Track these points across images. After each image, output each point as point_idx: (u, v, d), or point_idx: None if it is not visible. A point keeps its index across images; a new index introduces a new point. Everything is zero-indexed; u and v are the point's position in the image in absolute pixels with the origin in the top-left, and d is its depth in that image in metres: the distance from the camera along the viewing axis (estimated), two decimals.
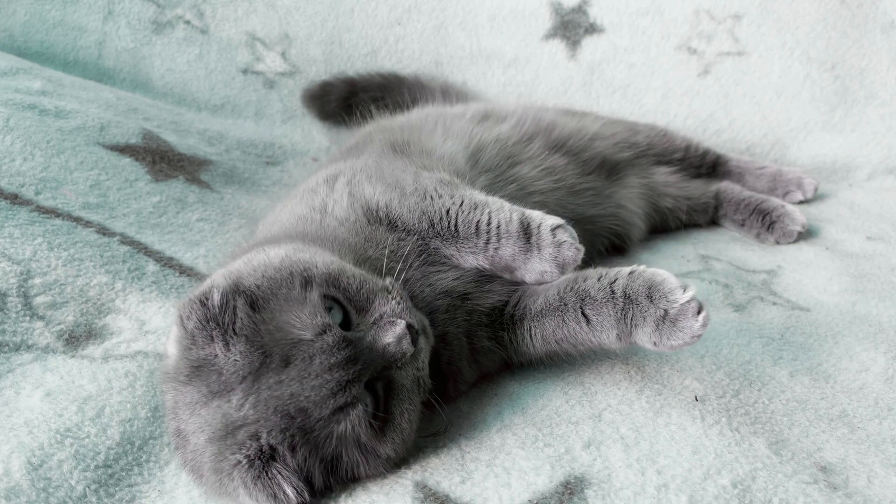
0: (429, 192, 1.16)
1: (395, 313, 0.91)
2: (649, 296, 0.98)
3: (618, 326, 1.01)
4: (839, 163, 2.35)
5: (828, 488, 0.88)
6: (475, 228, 1.11)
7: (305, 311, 0.86)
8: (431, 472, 0.91)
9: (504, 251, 1.10)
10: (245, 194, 1.87)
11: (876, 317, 1.35)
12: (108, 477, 0.93)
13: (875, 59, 2.34)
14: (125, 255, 1.36)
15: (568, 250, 1.06)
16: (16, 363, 1.10)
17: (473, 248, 1.12)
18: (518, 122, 1.63)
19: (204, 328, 0.84)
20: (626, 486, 0.87)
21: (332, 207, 1.16)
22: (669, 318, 0.96)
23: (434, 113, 1.70)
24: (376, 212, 1.14)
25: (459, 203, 1.14)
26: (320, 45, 2.58)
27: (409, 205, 1.14)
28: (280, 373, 0.82)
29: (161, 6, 2.55)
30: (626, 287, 1.00)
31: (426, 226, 1.13)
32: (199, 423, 0.84)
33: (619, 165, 1.75)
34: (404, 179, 1.20)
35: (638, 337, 1.00)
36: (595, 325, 1.03)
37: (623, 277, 1.02)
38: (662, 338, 0.96)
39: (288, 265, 0.92)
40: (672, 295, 0.96)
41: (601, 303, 1.02)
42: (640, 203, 1.77)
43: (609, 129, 1.82)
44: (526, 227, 1.09)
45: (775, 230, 1.80)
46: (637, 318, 0.99)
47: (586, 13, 2.53)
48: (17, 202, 1.35)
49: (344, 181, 1.22)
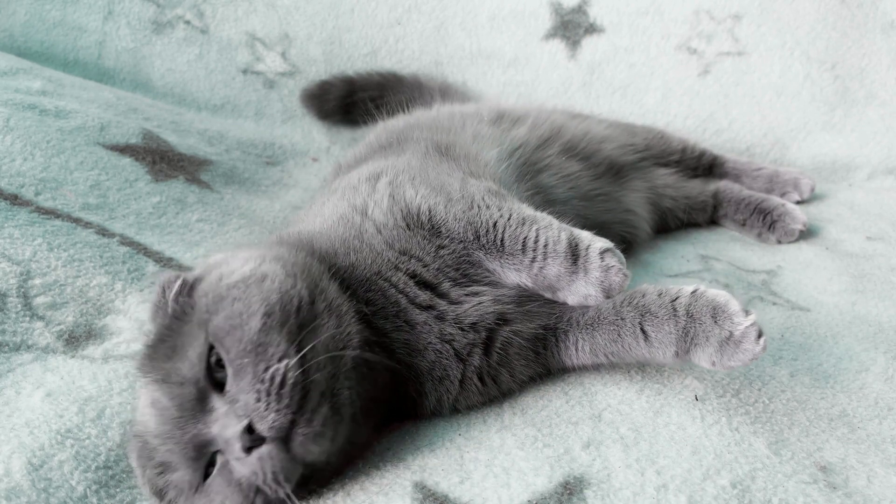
0: (476, 201, 1.13)
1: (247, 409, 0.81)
2: (714, 317, 0.97)
3: (677, 344, 1.00)
4: (839, 163, 2.35)
5: (828, 488, 0.88)
6: (522, 245, 1.08)
7: (192, 354, 0.87)
8: (430, 472, 0.91)
9: (549, 271, 1.06)
10: (245, 194, 1.87)
11: (876, 317, 1.35)
12: (108, 478, 0.93)
13: (875, 59, 2.34)
14: (125, 256, 1.36)
15: (616, 276, 1.03)
16: (16, 363, 1.10)
17: (518, 265, 1.08)
18: (533, 125, 1.61)
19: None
20: (626, 487, 0.87)
21: (371, 209, 1.13)
22: (734, 340, 0.96)
23: (457, 112, 1.67)
24: (418, 216, 1.11)
25: (508, 217, 1.11)
26: (320, 45, 2.59)
27: (455, 212, 1.11)
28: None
29: (161, 6, 2.55)
30: (689, 306, 1.00)
31: (471, 236, 1.10)
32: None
33: (625, 168, 1.75)
34: (451, 185, 1.17)
35: (696, 355, 0.99)
36: (653, 342, 1.02)
37: (685, 296, 1.01)
38: (723, 358, 0.96)
39: (217, 294, 0.91)
40: (737, 318, 0.96)
41: (662, 320, 1.01)
42: (646, 207, 1.77)
43: (611, 132, 1.82)
44: (574, 247, 1.06)
45: (777, 229, 1.80)
46: (699, 337, 0.98)
47: (586, 13, 2.53)
48: (17, 202, 1.35)
49: (386, 181, 1.19)
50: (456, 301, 1.07)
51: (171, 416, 0.85)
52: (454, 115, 1.64)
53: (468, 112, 1.68)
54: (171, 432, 0.85)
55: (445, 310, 1.06)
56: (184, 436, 0.84)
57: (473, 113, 1.66)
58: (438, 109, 1.75)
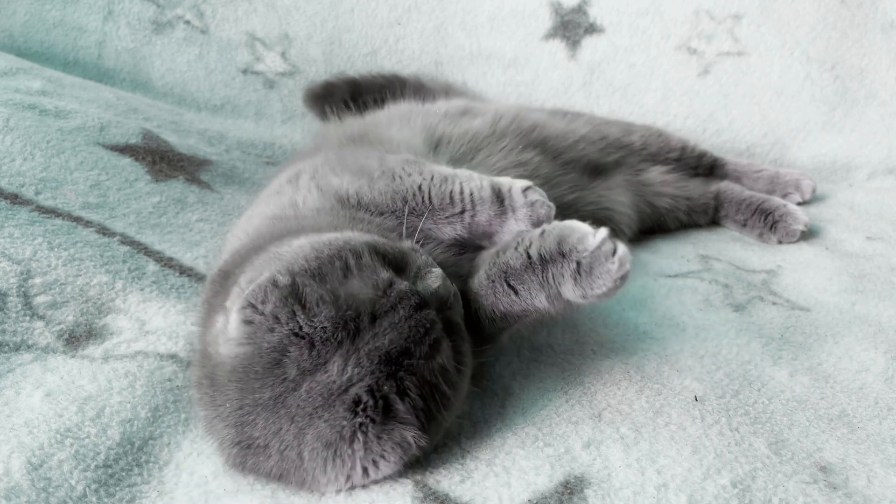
0: (397, 172, 1.17)
1: (427, 264, 0.95)
2: (561, 251, 0.98)
3: (544, 290, 1.00)
4: (839, 163, 2.35)
5: (828, 488, 0.88)
6: (450, 199, 1.13)
7: (365, 275, 0.88)
8: (431, 471, 0.91)
9: (480, 217, 1.12)
10: (245, 194, 1.86)
11: (876, 317, 1.35)
12: (108, 477, 0.93)
13: (875, 59, 2.34)
14: (125, 255, 1.36)
15: (541, 208, 1.10)
16: (16, 363, 1.10)
17: (451, 219, 1.13)
18: (494, 119, 1.61)
19: (285, 305, 0.82)
20: (626, 486, 0.87)
21: (302, 202, 1.15)
22: (584, 268, 0.96)
23: (403, 108, 1.67)
24: (348, 200, 1.14)
25: (430, 178, 1.15)
26: (320, 45, 2.59)
27: (379, 188, 1.15)
28: (372, 328, 0.83)
29: (161, 6, 2.55)
30: (540, 248, 1.00)
31: (400, 205, 1.14)
32: (285, 416, 0.82)
33: (606, 167, 1.74)
34: (369, 165, 1.20)
35: (566, 294, 0.99)
36: (523, 295, 1.02)
37: (535, 239, 1.02)
38: (585, 289, 0.96)
39: (327, 243, 0.92)
40: (581, 244, 0.96)
41: (521, 271, 1.01)
42: (626, 194, 1.75)
43: (600, 132, 1.81)
44: (497, 192, 1.12)
45: (778, 230, 1.80)
46: (557, 276, 0.98)
47: (586, 13, 2.53)
48: (17, 202, 1.35)
49: (307, 177, 1.21)
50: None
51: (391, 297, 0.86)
52: (392, 112, 1.64)
53: (422, 108, 1.67)
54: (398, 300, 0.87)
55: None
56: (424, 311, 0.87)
57: (430, 109, 1.66)
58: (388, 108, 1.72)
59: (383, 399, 0.81)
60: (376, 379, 0.81)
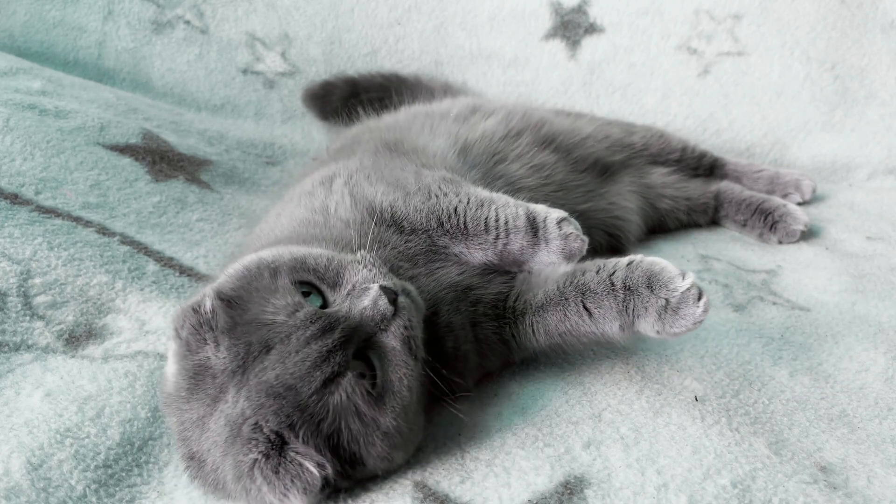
0: (433, 190, 1.17)
1: (366, 280, 0.91)
2: (649, 286, 0.98)
3: (620, 318, 1.01)
4: (839, 163, 2.35)
5: (828, 488, 0.88)
6: (484, 225, 1.13)
7: (276, 297, 0.86)
8: (431, 471, 0.91)
9: (513, 246, 1.12)
10: (245, 194, 1.86)
11: (876, 317, 1.35)
12: (108, 477, 0.93)
13: (875, 59, 2.34)
14: (125, 255, 1.36)
15: (574, 242, 1.09)
16: (16, 363, 1.10)
17: (483, 244, 1.13)
18: (505, 117, 1.62)
19: (197, 332, 0.84)
20: (626, 486, 0.87)
21: (334, 209, 1.15)
22: (671, 307, 0.96)
23: (421, 111, 1.68)
24: (381, 213, 1.14)
25: (466, 201, 1.15)
26: (320, 45, 2.58)
27: (414, 204, 1.15)
28: (263, 359, 0.82)
29: (161, 6, 2.55)
30: (626, 278, 1.01)
31: (434, 224, 1.14)
32: (210, 438, 0.82)
33: (613, 167, 1.75)
34: (405, 178, 1.20)
35: (641, 326, 1.01)
36: (597, 318, 1.04)
37: (622, 269, 1.03)
38: (665, 326, 0.97)
39: (256, 262, 0.92)
40: (672, 283, 0.97)
41: (601, 295, 1.03)
42: (634, 199, 1.76)
43: (603, 131, 1.82)
44: (532, 221, 1.12)
45: (778, 230, 1.80)
46: (639, 308, 0.99)
47: (586, 13, 2.53)
48: (17, 202, 1.35)
49: (341, 182, 1.21)
50: (427, 274, 1.10)
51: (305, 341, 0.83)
52: (417, 114, 1.65)
53: (435, 110, 1.68)
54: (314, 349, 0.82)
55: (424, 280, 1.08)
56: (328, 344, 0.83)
57: (441, 110, 1.67)
58: (405, 110, 1.74)
59: (276, 434, 0.80)
60: (264, 415, 0.80)
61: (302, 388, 0.81)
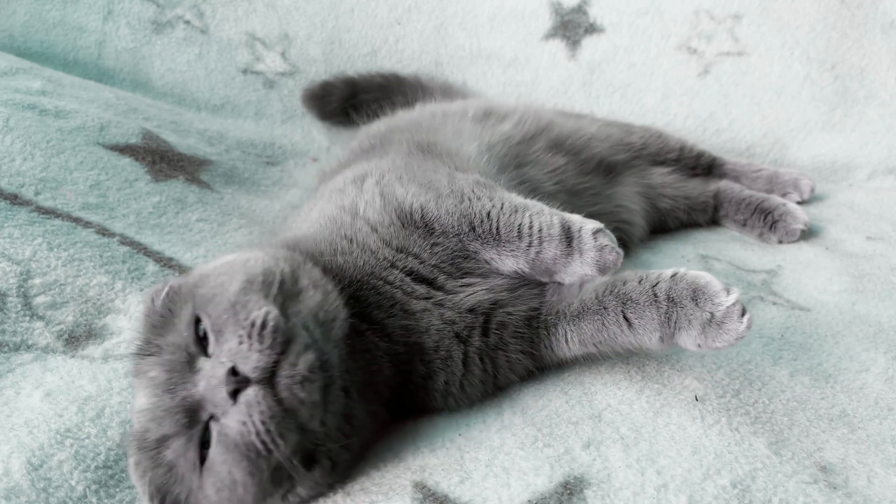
0: (466, 193, 1.15)
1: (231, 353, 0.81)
2: (694, 299, 0.98)
3: (661, 329, 1.00)
4: (839, 163, 2.35)
5: (828, 488, 0.88)
6: (517, 231, 1.10)
7: (176, 331, 0.89)
8: (430, 472, 0.91)
9: (546, 254, 1.09)
10: (245, 194, 1.87)
11: (876, 317, 1.35)
12: (108, 478, 0.93)
13: (875, 59, 2.34)
14: (125, 256, 1.36)
15: (610, 254, 1.06)
16: (16, 363, 1.10)
17: (515, 252, 1.11)
18: (519, 120, 1.62)
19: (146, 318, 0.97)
20: (626, 487, 0.87)
21: (363, 209, 1.14)
22: (716, 321, 0.96)
23: (439, 111, 1.68)
24: (410, 214, 1.12)
25: (500, 206, 1.13)
26: (320, 45, 2.59)
27: (447, 206, 1.13)
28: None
29: (161, 6, 2.55)
30: (670, 290, 1.00)
31: (466, 228, 1.12)
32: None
33: (617, 166, 1.75)
34: (439, 180, 1.18)
35: (681, 339, 1.00)
36: (637, 329, 1.03)
37: (665, 280, 1.01)
38: (708, 340, 0.97)
39: (203, 275, 0.95)
40: (717, 298, 0.96)
41: (643, 306, 1.02)
42: (638, 201, 1.76)
43: (605, 131, 1.82)
44: (567, 230, 1.08)
45: (778, 229, 1.80)
46: (682, 321, 0.98)
47: (586, 13, 2.53)
48: (17, 202, 1.35)
49: (373, 181, 1.20)
50: (452, 291, 1.09)
51: (163, 385, 0.85)
52: (436, 114, 1.65)
53: (452, 110, 1.68)
54: (162, 401, 0.84)
55: (443, 299, 1.08)
56: (174, 400, 0.83)
57: (458, 111, 1.67)
58: (421, 109, 1.74)
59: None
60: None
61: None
